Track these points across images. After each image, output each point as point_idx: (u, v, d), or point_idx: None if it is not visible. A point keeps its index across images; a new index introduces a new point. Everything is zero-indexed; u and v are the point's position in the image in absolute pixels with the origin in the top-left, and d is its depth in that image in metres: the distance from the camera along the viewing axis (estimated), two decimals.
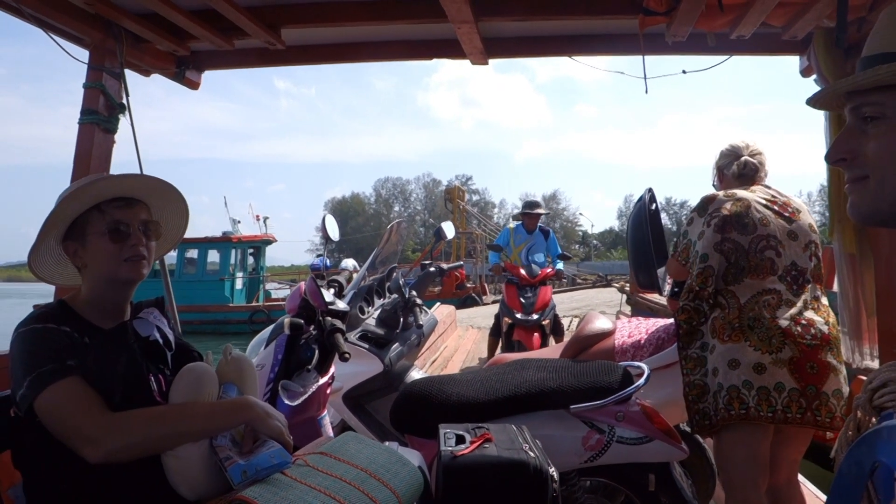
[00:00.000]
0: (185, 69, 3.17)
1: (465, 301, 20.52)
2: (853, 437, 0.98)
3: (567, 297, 20.82)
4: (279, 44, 2.85)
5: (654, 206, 2.81)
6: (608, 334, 3.22)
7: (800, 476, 2.78)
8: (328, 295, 2.38)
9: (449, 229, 3.99)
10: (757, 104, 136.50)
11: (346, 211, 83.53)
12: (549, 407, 2.23)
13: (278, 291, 24.93)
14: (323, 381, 2.31)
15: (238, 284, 21.08)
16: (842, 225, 2.35)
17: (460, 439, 1.83)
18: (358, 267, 3.34)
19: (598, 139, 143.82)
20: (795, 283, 2.24)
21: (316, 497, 1.33)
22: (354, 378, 2.86)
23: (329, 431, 2.36)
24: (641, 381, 2.24)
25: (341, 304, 2.41)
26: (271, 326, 2.60)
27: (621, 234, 78.82)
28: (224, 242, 20.80)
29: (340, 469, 1.45)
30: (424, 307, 3.33)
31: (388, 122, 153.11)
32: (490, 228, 35.12)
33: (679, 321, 2.36)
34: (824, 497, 2.90)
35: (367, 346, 2.89)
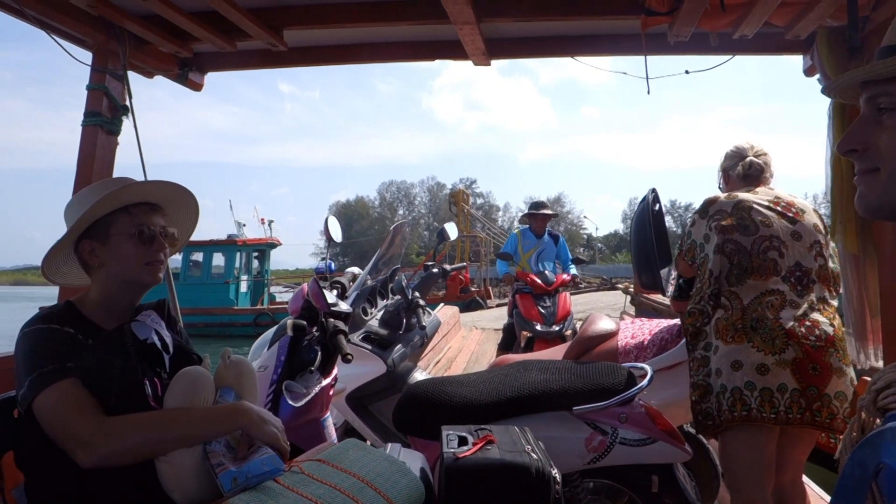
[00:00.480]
0: (187, 71, 3.18)
1: (469, 305, 20.49)
2: (857, 439, 0.98)
3: (571, 299, 20.76)
4: (281, 45, 2.85)
5: (657, 207, 2.80)
6: (611, 335, 3.21)
7: (804, 477, 2.76)
8: (331, 296, 2.38)
9: (452, 230, 3.99)
10: (761, 105, 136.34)
11: (350, 214, 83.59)
12: (551, 408, 2.22)
13: (283, 295, 24.96)
14: (326, 382, 2.31)
15: (243, 287, 21.12)
16: (844, 225, 2.33)
17: (463, 441, 1.83)
18: (362, 272, 3.34)
19: (603, 141, 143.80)
20: (800, 283, 2.23)
21: None
22: (357, 379, 2.86)
23: (332, 433, 2.36)
24: (645, 382, 2.24)
25: (344, 306, 2.41)
26: (274, 328, 2.60)
27: (626, 237, 78.73)
28: (229, 245, 20.85)
29: (336, 478, 1.44)
30: (427, 308, 3.33)
31: (392, 125, 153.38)
32: (494, 232, 35.07)
33: (686, 324, 2.36)
34: (829, 498, 2.88)
35: (370, 347, 2.89)
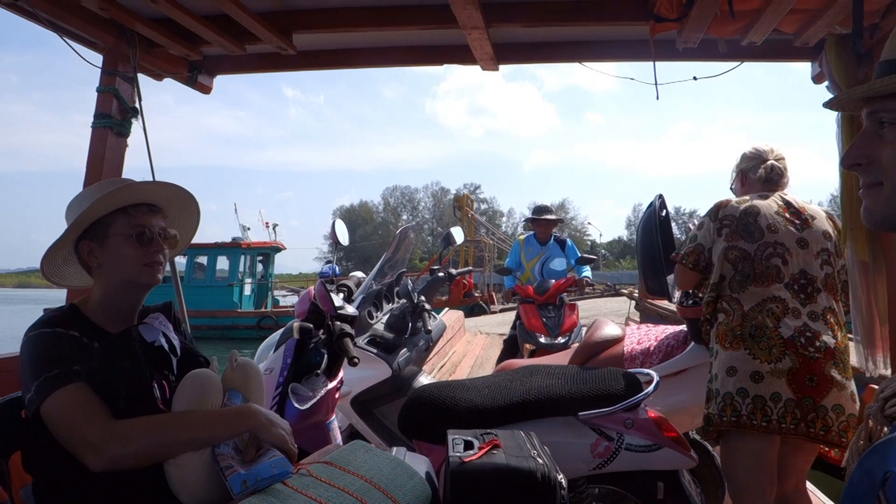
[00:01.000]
0: (197, 74, 3.19)
1: (473, 309, 20.46)
2: (865, 447, 0.98)
3: (579, 310, 20.72)
4: (291, 49, 2.87)
5: (664, 213, 2.80)
6: (617, 341, 3.21)
7: (810, 485, 2.75)
8: (337, 299, 2.38)
9: (458, 234, 3.99)
10: (768, 112, 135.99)
11: (354, 219, 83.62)
12: (557, 413, 2.22)
13: (286, 299, 24.99)
14: (332, 385, 2.31)
15: (247, 290, 21.16)
16: (854, 232, 2.32)
17: (468, 445, 1.83)
18: (366, 277, 3.35)
19: (607, 148, 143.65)
20: (803, 291, 2.22)
21: None
22: (363, 383, 2.86)
23: (337, 436, 2.36)
24: (650, 388, 2.24)
25: (350, 309, 2.41)
26: (280, 330, 2.61)
27: (630, 243, 78.65)
28: (234, 248, 20.90)
29: (344, 480, 1.44)
30: (433, 312, 3.33)
31: (396, 130, 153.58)
32: (498, 237, 35.04)
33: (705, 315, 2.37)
34: None
35: (375, 350, 2.89)
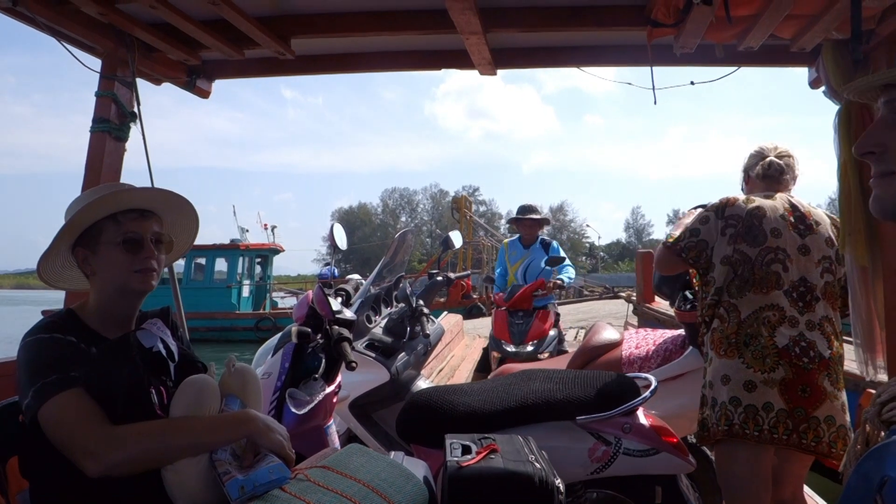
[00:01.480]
0: (195, 78, 3.19)
1: (471, 311, 20.44)
2: (862, 451, 0.98)
3: (573, 308, 20.76)
4: (289, 54, 2.87)
5: None
6: (615, 345, 3.21)
7: (808, 489, 2.75)
8: (336, 304, 2.38)
9: (457, 238, 3.99)
10: (766, 116, 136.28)
11: (352, 221, 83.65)
12: (555, 418, 2.22)
13: (284, 301, 24.96)
14: (329, 389, 2.31)
15: (245, 292, 21.13)
16: (853, 237, 2.31)
17: (466, 450, 1.83)
18: (363, 280, 3.34)
19: (607, 150, 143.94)
20: (802, 299, 2.21)
21: None
22: (361, 387, 2.86)
23: (335, 440, 2.36)
24: (648, 392, 2.24)
25: (348, 313, 2.41)
26: (279, 335, 2.61)
27: (628, 245, 78.77)
28: (232, 250, 20.88)
29: (341, 484, 1.44)
30: (431, 316, 3.33)
31: (395, 132, 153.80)
32: (497, 239, 35.04)
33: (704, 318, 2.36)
34: None
35: (373, 355, 2.89)
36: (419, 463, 1.84)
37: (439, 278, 3.89)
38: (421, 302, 3.21)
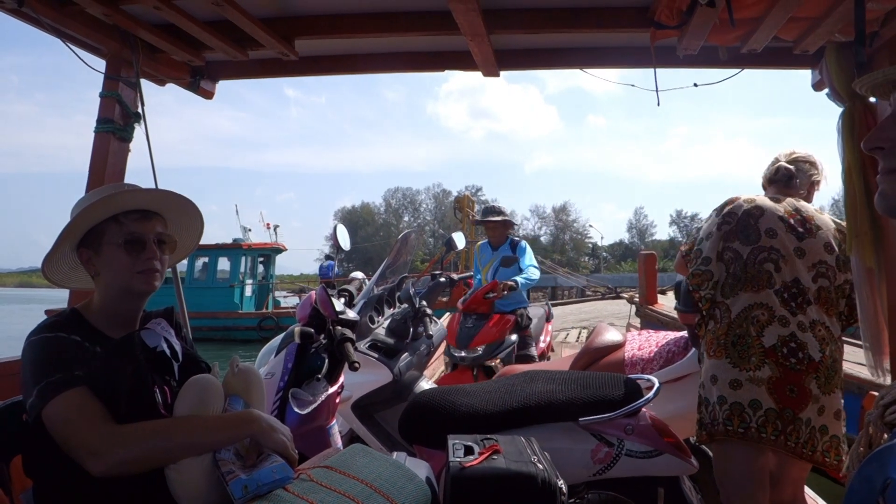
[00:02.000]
0: (199, 79, 3.20)
1: None
2: (865, 454, 0.98)
3: (576, 308, 20.77)
4: (292, 54, 2.88)
5: None
6: (618, 347, 3.21)
7: (810, 491, 2.75)
8: (339, 304, 2.39)
9: (460, 240, 4.00)
10: (770, 117, 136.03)
11: (355, 221, 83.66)
12: (558, 419, 2.22)
13: (287, 300, 24.97)
14: (332, 389, 2.31)
15: (248, 291, 21.14)
16: (859, 238, 2.30)
17: (469, 450, 1.83)
18: (366, 278, 3.34)
19: (610, 151, 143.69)
20: (794, 300, 2.20)
21: None
22: (363, 387, 2.86)
23: (338, 440, 2.37)
24: (651, 394, 2.24)
25: (351, 314, 2.42)
26: (282, 335, 2.61)
27: (631, 246, 78.70)
28: (235, 249, 20.88)
29: (344, 484, 1.44)
30: (434, 317, 3.34)
31: (398, 132, 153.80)
32: None
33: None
34: None
35: (376, 355, 2.90)
36: (421, 463, 1.84)
37: (442, 279, 3.90)
38: (424, 302, 3.21)
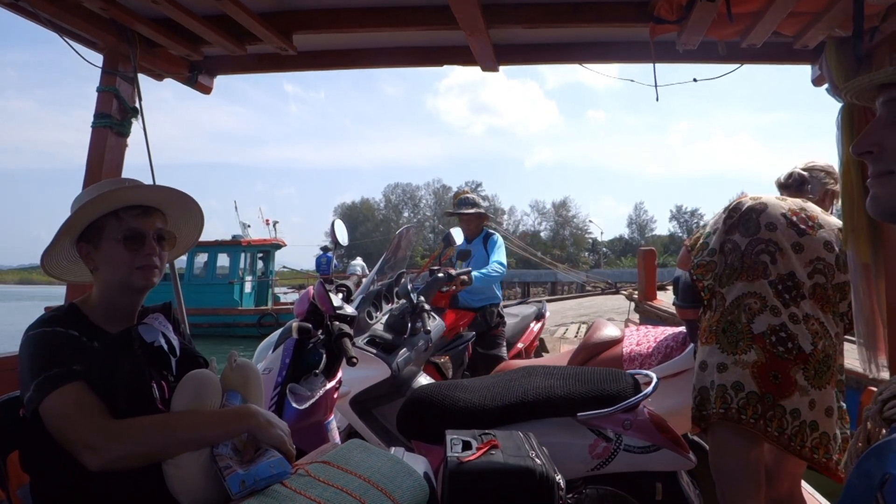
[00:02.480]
0: (197, 74, 3.19)
1: None
2: (863, 449, 0.98)
3: (575, 303, 20.79)
4: (291, 49, 2.86)
5: None
6: (616, 342, 3.22)
7: (808, 486, 2.75)
8: (336, 299, 2.39)
9: (458, 235, 4.00)
10: (771, 113, 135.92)
11: (355, 216, 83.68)
12: (556, 414, 2.22)
13: (287, 296, 24.97)
14: (330, 385, 2.31)
15: (247, 288, 21.13)
16: (856, 234, 2.30)
17: (467, 445, 1.83)
18: (367, 267, 3.34)
19: (610, 146, 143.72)
20: (788, 293, 2.19)
21: None
22: (362, 383, 2.86)
23: (336, 436, 2.37)
24: (649, 389, 2.24)
25: (349, 309, 2.42)
26: (279, 330, 2.61)
27: (631, 241, 78.76)
28: (234, 246, 20.86)
29: (342, 479, 1.44)
30: (433, 313, 3.33)
31: (398, 127, 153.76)
32: (500, 235, 35.01)
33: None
34: None
35: (374, 351, 2.89)
36: (419, 458, 1.84)
37: (440, 275, 3.89)
38: (422, 298, 3.21)
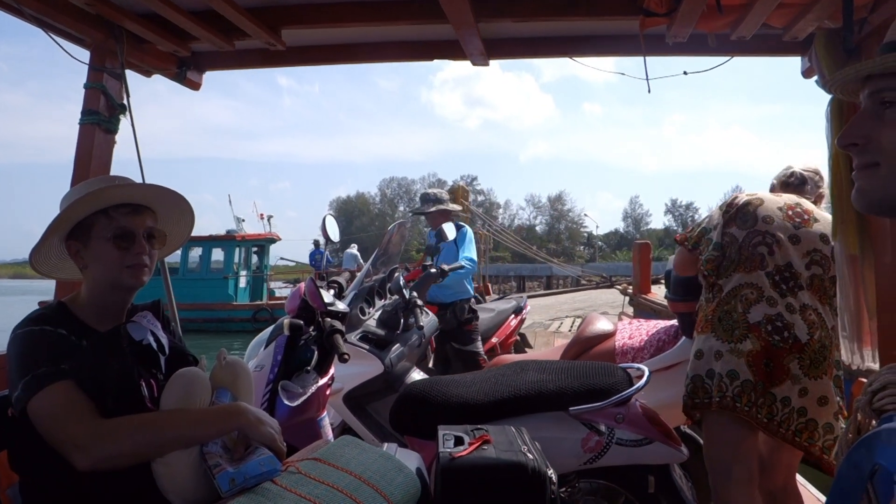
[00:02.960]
0: (185, 70, 3.17)
1: None
2: (853, 440, 0.98)
3: (570, 297, 20.84)
4: (280, 45, 2.85)
5: None
6: (609, 336, 3.22)
7: (801, 479, 2.77)
8: (327, 296, 2.38)
9: (450, 230, 3.99)
10: (765, 105, 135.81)
11: (350, 210, 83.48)
12: (548, 408, 2.23)
13: (282, 291, 24.92)
14: (322, 381, 2.31)
15: (242, 283, 21.09)
16: (844, 226, 2.32)
17: (459, 441, 1.83)
18: (360, 257, 3.33)
19: (605, 140, 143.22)
20: (785, 283, 2.20)
21: None
22: (355, 379, 2.86)
23: (328, 432, 2.36)
24: (642, 382, 2.24)
25: (341, 305, 2.41)
26: (271, 327, 2.61)
27: (626, 235, 78.83)
28: (228, 241, 20.80)
29: (333, 476, 1.44)
30: (425, 308, 3.33)
31: (393, 121, 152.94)
32: (495, 229, 35.02)
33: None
34: (825, 499, 2.88)
35: (367, 347, 2.89)
36: (412, 454, 1.84)
37: (433, 270, 3.89)
38: (415, 294, 3.21)
